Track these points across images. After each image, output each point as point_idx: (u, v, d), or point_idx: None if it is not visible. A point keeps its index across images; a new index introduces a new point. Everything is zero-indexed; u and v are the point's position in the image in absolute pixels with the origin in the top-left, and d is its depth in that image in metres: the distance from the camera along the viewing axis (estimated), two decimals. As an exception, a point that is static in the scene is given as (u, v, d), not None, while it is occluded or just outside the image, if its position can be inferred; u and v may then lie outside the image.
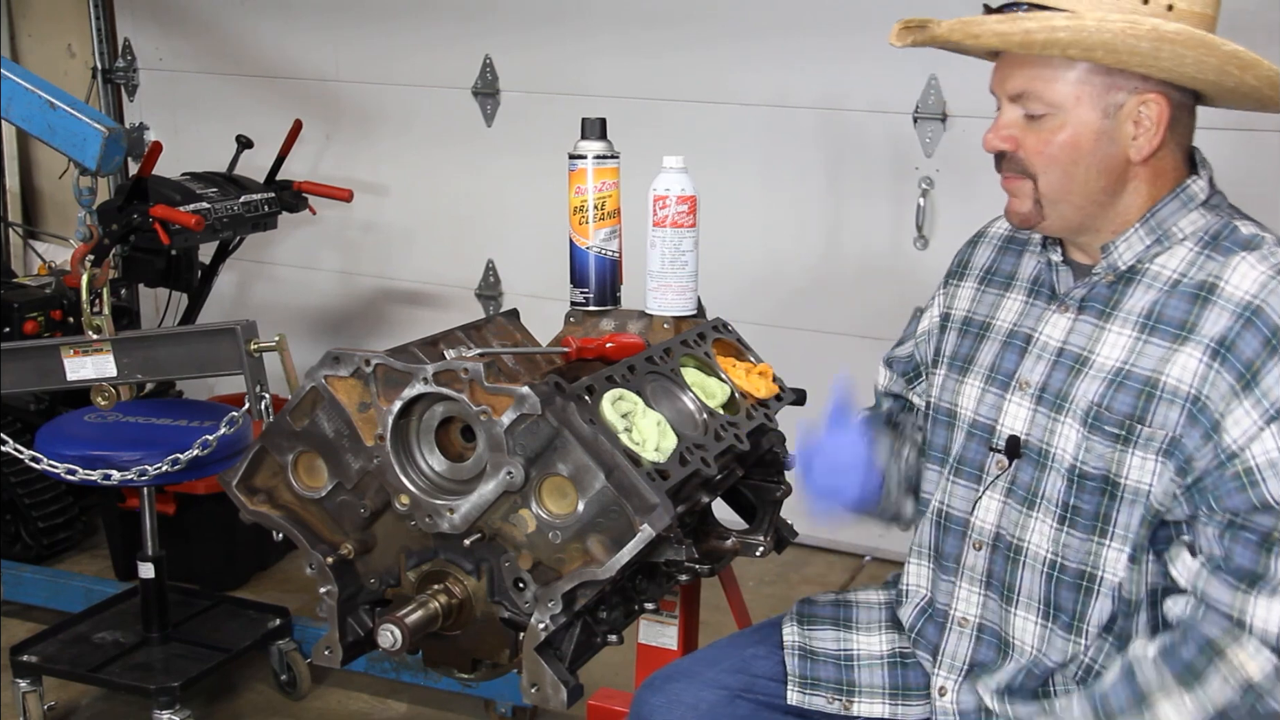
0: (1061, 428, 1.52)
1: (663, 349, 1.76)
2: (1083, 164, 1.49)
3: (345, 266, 4.15)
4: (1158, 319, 1.48)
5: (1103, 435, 1.49)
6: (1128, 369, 1.48)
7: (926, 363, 1.78)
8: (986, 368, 1.63)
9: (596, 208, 1.90)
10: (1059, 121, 1.48)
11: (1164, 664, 1.44)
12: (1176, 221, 1.51)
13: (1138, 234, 1.51)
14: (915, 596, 1.71)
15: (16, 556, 3.40)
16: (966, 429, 1.64)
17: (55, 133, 2.44)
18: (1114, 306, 1.52)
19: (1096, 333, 1.53)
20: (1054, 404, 1.54)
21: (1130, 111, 1.47)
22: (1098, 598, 1.52)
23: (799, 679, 1.72)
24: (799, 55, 3.33)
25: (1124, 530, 1.49)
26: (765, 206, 3.48)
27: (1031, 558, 1.56)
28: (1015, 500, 1.57)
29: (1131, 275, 1.52)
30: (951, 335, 1.71)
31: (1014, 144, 1.51)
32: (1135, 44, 1.40)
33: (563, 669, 1.56)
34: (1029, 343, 1.59)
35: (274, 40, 4.06)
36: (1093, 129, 1.47)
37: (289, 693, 2.89)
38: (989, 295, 1.68)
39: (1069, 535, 1.52)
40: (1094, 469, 1.50)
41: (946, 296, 1.76)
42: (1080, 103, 1.47)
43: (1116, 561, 1.50)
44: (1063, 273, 1.59)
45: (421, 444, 1.58)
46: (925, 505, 1.71)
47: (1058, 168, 1.49)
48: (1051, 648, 1.55)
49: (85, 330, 2.50)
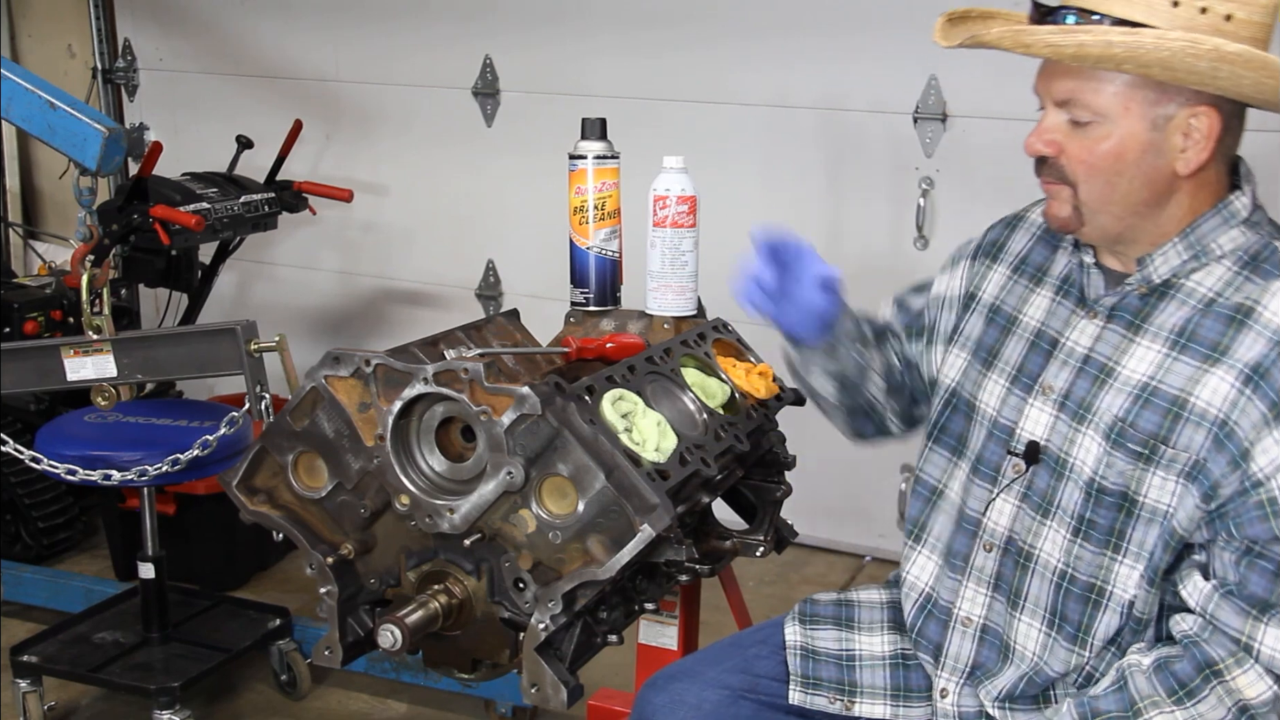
0: (1082, 438, 1.50)
1: (663, 349, 1.76)
2: (1126, 175, 1.45)
3: (345, 266, 4.15)
4: (1190, 337, 1.45)
5: (1125, 452, 1.46)
6: (1155, 385, 1.46)
7: (937, 330, 1.74)
8: (1012, 366, 1.60)
9: (597, 208, 1.90)
10: (1105, 130, 1.43)
11: (1158, 677, 1.44)
12: (1216, 238, 1.47)
13: (1175, 248, 1.48)
14: (914, 591, 1.68)
15: (16, 556, 3.40)
16: (987, 428, 1.61)
17: (55, 133, 2.44)
18: (1144, 319, 1.49)
19: (1124, 344, 1.50)
20: (1076, 413, 1.51)
21: (1180, 124, 1.42)
22: (1105, 612, 1.50)
23: (801, 679, 1.71)
24: (799, 55, 3.33)
25: (1138, 548, 1.47)
26: (765, 206, 3.48)
27: (1042, 566, 1.54)
28: (1030, 506, 1.56)
29: (1165, 290, 1.49)
30: (977, 320, 1.68)
31: (1056, 149, 1.47)
32: (1194, 63, 1.35)
33: (563, 669, 1.56)
34: (1055, 346, 1.56)
35: (274, 40, 4.06)
36: (1140, 140, 1.43)
37: (289, 693, 2.89)
38: (1019, 287, 1.65)
39: (1082, 547, 1.51)
40: (1113, 485, 1.48)
41: (975, 274, 1.71)
42: (1129, 112, 1.42)
43: (1128, 578, 1.48)
44: (1093, 276, 1.56)
45: (422, 444, 1.58)
46: (924, 487, 1.69)
47: (1100, 177, 1.45)
48: (1053, 657, 1.54)
49: (85, 330, 2.50)
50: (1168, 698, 1.43)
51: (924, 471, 1.70)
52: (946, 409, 1.68)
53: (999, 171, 3.13)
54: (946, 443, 1.68)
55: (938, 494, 1.68)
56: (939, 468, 1.68)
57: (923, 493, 1.70)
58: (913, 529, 1.70)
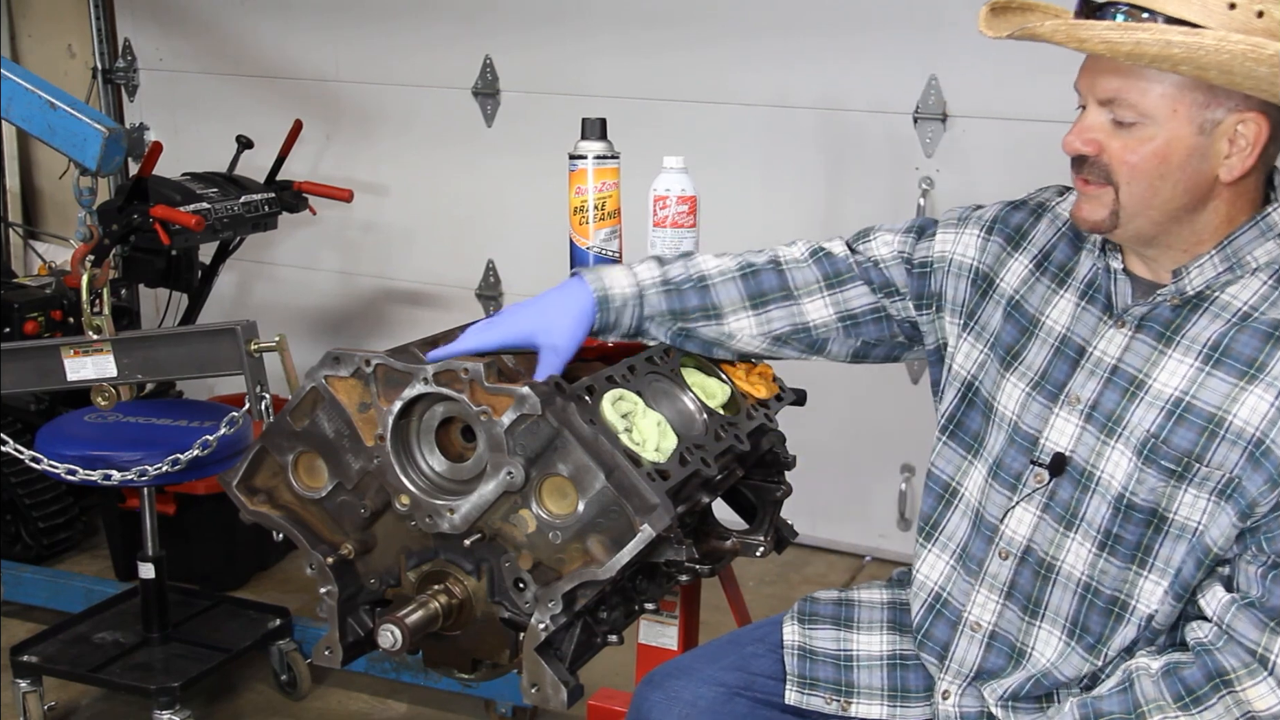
0: (1111, 452, 1.48)
1: (663, 349, 1.76)
2: (1170, 179, 1.41)
3: (345, 266, 4.15)
4: (1225, 352, 1.42)
5: (1158, 469, 1.44)
6: (1189, 401, 1.43)
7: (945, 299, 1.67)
8: (1035, 372, 1.56)
9: (597, 208, 1.90)
10: (1150, 132, 1.40)
11: (1165, 682, 1.44)
12: (1252, 250, 1.45)
13: (1211, 260, 1.45)
14: (924, 591, 1.66)
15: (17, 557, 3.40)
16: (1008, 433, 1.57)
17: (55, 133, 2.44)
18: (1176, 332, 1.46)
19: (1155, 356, 1.47)
20: (1104, 425, 1.49)
21: (1227, 129, 1.39)
22: (1126, 625, 1.49)
23: (797, 679, 1.71)
24: (799, 55, 3.33)
25: (1164, 564, 1.46)
26: (765, 206, 3.48)
27: (1065, 577, 1.52)
28: (1052, 517, 1.53)
29: (1198, 302, 1.46)
30: (995, 311, 1.63)
31: (1097, 148, 1.43)
32: (1254, 68, 1.31)
33: (563, 669, 1.56)
34: (1082, 355, 1.53)
35: (274, 40, 4.06)
36: (1185, 143, 1.40)
37: (289, 693, 2.89)
38: (1041, 285, 1.59)
39: (1107, 561, 1.49)
40: (1143, 501, 1.46)
41: (989, 253, 1.65)
42: (1176, 115, 1.39)
43: (1152, 593, 1.47)
44: (1120, 283, 1.52)
45: (422, 444, 1.58)
46: (936, 483, 1.66)
47: (1144, 180, 1.42)
48: (1067, 664, 1.54)
49: (85, 330, 2.50)
50: (1174, 703, 1.42)
51: (937, 467, 1.67)
52: (963, 403, 1.64)
53: (999, 171, 3.14)
54: (962, 439, 1.64)
55: (952, 492, 1.65)
56: (953, 464, 1.65)
57: (935, 489, 1.67)
58: (924, 526, 1.67)
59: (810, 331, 1.73)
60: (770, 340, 1.73)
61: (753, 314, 1.72)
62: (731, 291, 1.71)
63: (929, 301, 1.70)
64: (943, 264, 1.69)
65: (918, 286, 1.71)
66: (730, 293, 1.71)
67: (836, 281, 1.73)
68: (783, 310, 1.72)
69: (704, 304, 1.71)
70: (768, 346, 1.74)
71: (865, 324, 1.73)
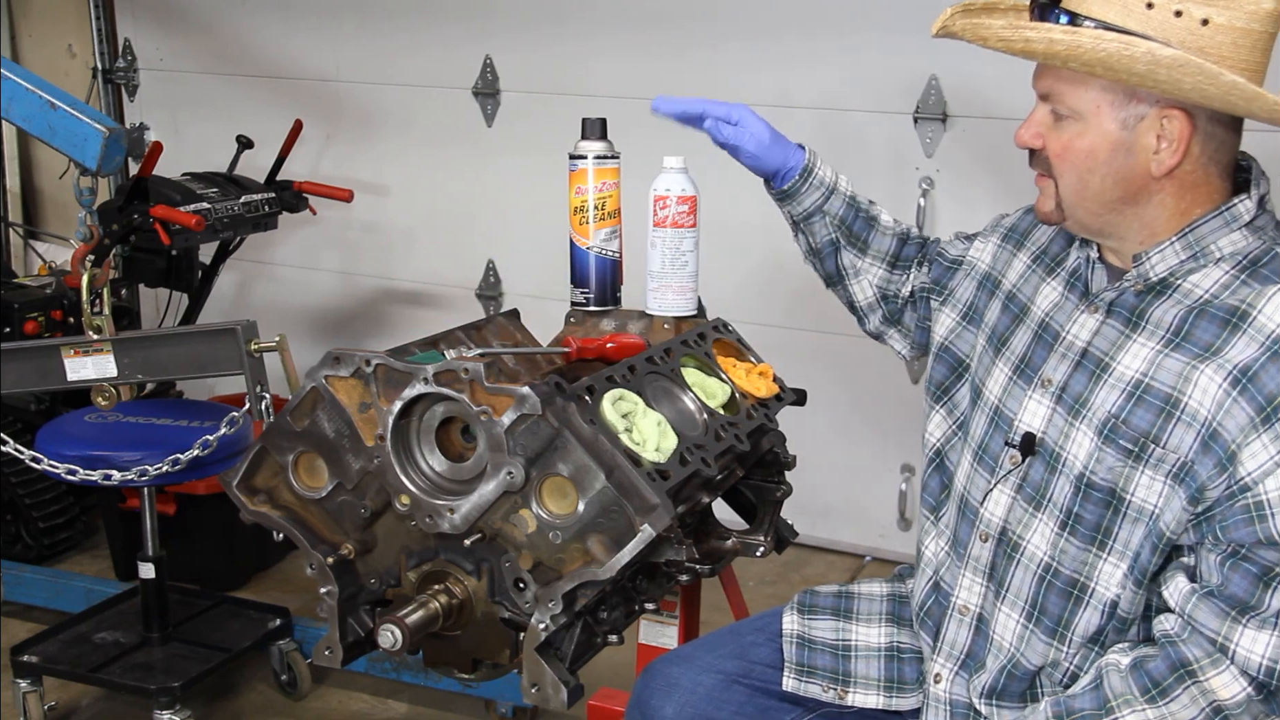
0: (1076, 433, 1.51)
1: (663, 349, 1.76)
2: (1098, 173, 1.47)
3: (345, 266, 4.15)
4: (1184, 337, 1.45)
5: (1116, 449, 1.47)
6: (1147, 383, 1.46)
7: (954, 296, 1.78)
8: (1017, 357, 1.62)
9: (597, 208, 1.90)
10: (1080, 127, 1.46)
11: (1133, 675, 1.45)
12: (1216, 240, 1.47)
13: (1173, 247, 1.48)
14: (929, 568, 1.70)
15: (17, 556, 3.40)
16: (989, 416, 1.62)
17: (56, 133, 2.45)
18: (1140, 316, 1.50)
19: (1120, 340, 1.50)
20: (1072, 407, 1.52)
21: (1151, 125, 1.43)
22: (1086, 609, 1.51)
23: (795, 666, 1.73)
24: (799, 55, 3.33)
25: (1123, 546, 1.48)
26: (765, 206, 3.47)
27: (1027, 558, 1.55)
28: (1024, 498, 1.56)
29: (1162, 288, 1.49)
30: (993, 303, 1.70)
31: (1040, 141, 1.51)
32: (1131, 65, 1.37)
33: (563, 669, 1.56)
34: (1056, 339, 1.57)
35: (274, 40, 4.06)
36: (1110, 139, 1.45)
37: (289, 693, 2.90)
38: (1034, 276, 1.66)
39: (1068, 541, 1.51)
40: (1102, 480, 1.48)
41: (999, 257, 1.74)
42: (1100, 112, 1.45)
43: (1111, 576, 1.49)
44: (1097, 272, 1.57)
45: (422, 444, 1.58)
46: (944, 474, 1.71)
47: (1074, 173, 1.49)
48: (1030, 649, 1.55)
49: (86, 330, 2.50)
50: (1140, 696, 1.43)
51: (929, 432, 1.73)
52: (962, 382, 1.72)
53: (999, 171, 3.14)
54: (958, 418, 1.71)
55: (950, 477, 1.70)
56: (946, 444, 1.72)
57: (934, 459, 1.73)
58: (930, 501, 1.73)
59: (898, 301, 1.89)
60: (878, 296, 1.89)
61: (887, 270, 1.89)
62: (885, 243, 1.88)
63: (939, 290, 1.82)
64: (968, 267, 1.79)
65: (941, 276, 1.82)
66: (884, 244, 1.88)
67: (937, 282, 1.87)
68: (903, 277, 1.88)
69: (864, 237, 1.88)
70: (869, 297, 1.90)
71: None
